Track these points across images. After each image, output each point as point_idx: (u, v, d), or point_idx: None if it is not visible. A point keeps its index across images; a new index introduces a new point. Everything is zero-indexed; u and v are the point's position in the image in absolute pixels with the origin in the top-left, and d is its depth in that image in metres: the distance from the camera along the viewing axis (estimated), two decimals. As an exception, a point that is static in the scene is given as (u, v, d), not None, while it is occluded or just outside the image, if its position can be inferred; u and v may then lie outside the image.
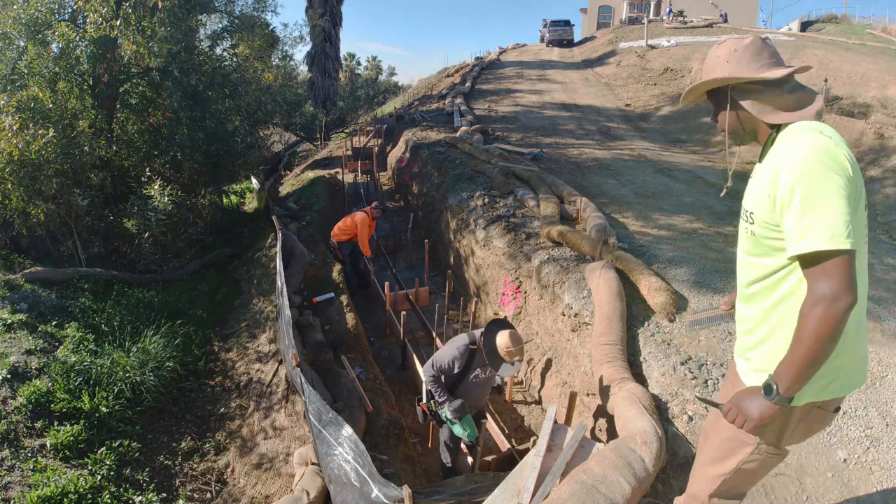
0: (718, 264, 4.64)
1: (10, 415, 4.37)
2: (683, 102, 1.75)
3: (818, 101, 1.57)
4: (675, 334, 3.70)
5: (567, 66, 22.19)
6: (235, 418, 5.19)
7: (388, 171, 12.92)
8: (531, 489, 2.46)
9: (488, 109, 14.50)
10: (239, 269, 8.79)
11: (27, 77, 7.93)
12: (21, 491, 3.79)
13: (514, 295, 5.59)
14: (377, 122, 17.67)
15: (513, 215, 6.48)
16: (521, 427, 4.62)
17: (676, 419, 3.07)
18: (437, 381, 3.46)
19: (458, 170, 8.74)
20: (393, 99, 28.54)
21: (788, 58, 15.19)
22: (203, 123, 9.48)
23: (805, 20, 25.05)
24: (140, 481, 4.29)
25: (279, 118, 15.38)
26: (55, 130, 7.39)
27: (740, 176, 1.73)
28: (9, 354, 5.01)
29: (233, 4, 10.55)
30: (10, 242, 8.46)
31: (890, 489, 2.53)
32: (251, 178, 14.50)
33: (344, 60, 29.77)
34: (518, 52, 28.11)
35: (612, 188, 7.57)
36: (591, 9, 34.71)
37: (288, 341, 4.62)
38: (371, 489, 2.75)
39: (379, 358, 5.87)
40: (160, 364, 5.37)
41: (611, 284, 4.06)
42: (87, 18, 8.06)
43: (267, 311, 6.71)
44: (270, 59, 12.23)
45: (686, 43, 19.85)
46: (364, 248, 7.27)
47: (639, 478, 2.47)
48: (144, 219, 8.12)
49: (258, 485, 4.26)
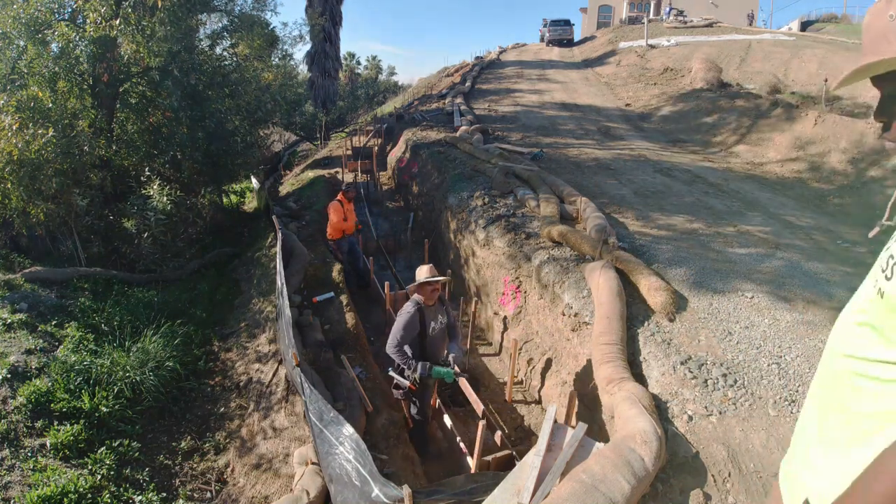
0: (718, 264, 4.65)
1: (10, 414, 4.37)
2: (841, 86, 0.99)
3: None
4: (675, 334, 3.70)
5: (567, 65, 22.18)
6: (235, 418, 5.19)
7: (388, 170, 12.92)
8: (531, 488, 2.46)
9: (488, 109, 14.50)
10: (239, 269, 8.79)
11: (27, 77, 7.92)
12: (21, 490, 3.79)
13: (514, 294, 5.59)
14: (377, 121, 17.67)
15: (513, 215, 6.48)
16: (521, 427, 4.62)
17: (676, 419, 3.07)
18: (402, 352, 3.80)
19: (458, 169, 8.74)
20: (393, 98, 28.54)
21: (788, 58, 15.22)
22: (203, 123, 9.49)
23: (805, 20, 25.07)
24: (140, 481, 4.29)
25: (279, 118, 15.40)
26: (55, 130, 7.39)
27: (739, 176, 1.67)
28: (9, 354, 5.01)
29: (232, 4, 10.55)
30: (9, 242, 8.46)
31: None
32: (251, 177, 14.50)
33: (344, 60, 29.76)
34: (518, 52, 28.11)
35: (612, 188, 7.57)
36: (591, 8, 34.71)
37: (288, 341, 4.63)
38: (372, 488, 2.76)
39: (379, 358, 5.87)
40: (160, 364, 5.37)
41: (611, 284, 4.06)
42: (87, 18, 8.06)
43: (267, 311, 6.71)
44: (270, 59, 12.23)
45: (686, 42, 19.85)
46: (349, 230, 7.30)
47: (638, 477, 2.47)
48: (144, 218, 8.13)
49: (258, 484, 4.26)
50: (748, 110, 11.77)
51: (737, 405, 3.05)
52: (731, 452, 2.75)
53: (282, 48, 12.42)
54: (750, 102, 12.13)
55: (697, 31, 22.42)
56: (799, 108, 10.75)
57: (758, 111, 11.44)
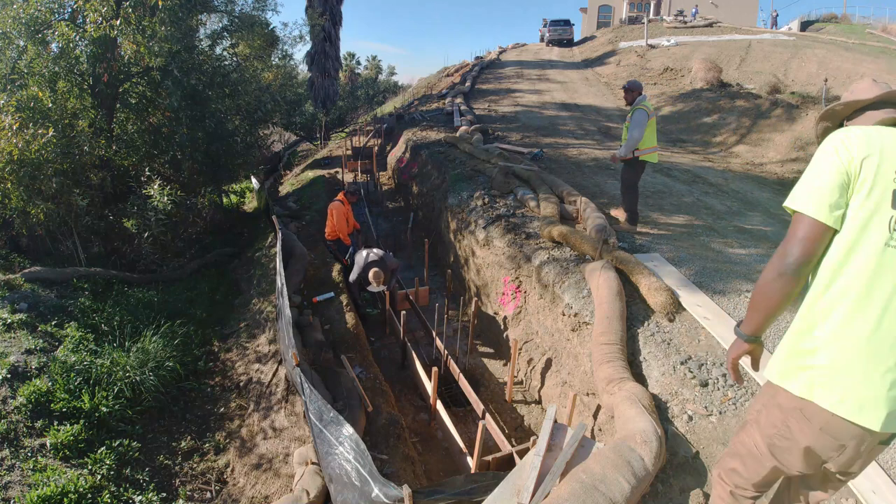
0: (717, 264, 4.65)
1: (10, 414, 4.37)
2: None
3: None
4: (675, 334, 3.70)
5: (567, 65, 22.19)
6: (235, 418, 5.19)
7: (388, 170, 12.92)
8: (531, 488, 2.46)
9: (488, 109, 14.50)
10: (238, 269, 8.79)
11: (27, 77, 7.91)
12: (21, 490, 3.79)
13: (514, 294, 5.59)
14: (377, 121, 17.67)
15: (513, 215, 6.48)
16: (521, 427, 4.62)
17: (676, 419, 3.07)
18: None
19: (458, 169, 8.74)
20: (393, 98, 28.53)
21: (788, 58, 15.22)
22: (203, 123, 9.48)
23: (805, 20, 25.07)
24: (140, 481, 4.29)
25: (279, 118, 15.37)
26: (55, 130, 7.38)
27: (739, 176, 1.74)
28: (9, 354, 5.01)
29: (233, 4, 10.53)
30: (9, 242, 8.45)
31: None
32: (251, 177, 14.49)
33: (344, 60, 29.73)
34: (518, 52, 28.11)
35: (612, 188, 7.58)
36: (591, 8, 34.71)
37: (288, 341, 4.63)
38: (371, 488, 2.76)
39: (379, 357, 5.87)
40: (160, 364, 5.37)
41: (611, 284, 4.06)
42: (87, 18, 8.04)
43: (266, 312, 6.71)
44: (270, 59, 12.22)
45: (686, 42, 19.85)
46: (343, 237, 7.30)
47: (638, 477, 2.47)
48: (144, 218, 8.12)
49: (258, 485, 4.27)
50: (748, 110, 11.78)
51: (737, 405, 3.05)
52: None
53: (282, 48, 12.40)
54: (750, 102, 12.14)
55: (697, 31, 22.43)
56: (799, 108, 10.75)
57: (758, 111, 11.45)
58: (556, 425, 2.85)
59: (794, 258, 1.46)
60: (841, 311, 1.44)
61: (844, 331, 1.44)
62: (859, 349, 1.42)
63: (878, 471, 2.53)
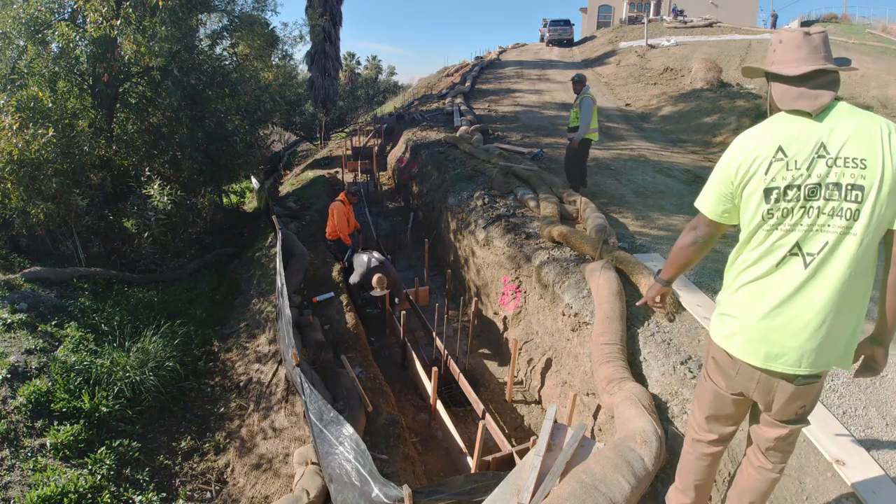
0: (718, 264, 4.64)
1: (10, 414, 4.37)
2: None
3: None
4: (675, 334, 3.70)
5: (567, 65, 22.18)
6: (235, 418, 5.19)
7: (388, 170, 12.92)
8: (531, 489, 2.46)
9: (488, 109, 14.50)
10: (238, 269, 8.79)
11: (27, 77, 7.91)
12: (21, 490, 3.79)
13: (514, 294, 5.59)
14: (377, 121, 17.67)
15: (513, 215, 6.48)
16: (521, 427, 4.62)
17: (676, 419, 3.07)
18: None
19: (458, 169, 8.74)
20: (393, 98, 28.53)
21: (788, 57, 15.22)
22: (203, 123, 9.47)
23: (805, 20, 25.08)
24: (140, 481, 4.29)
25: (279, 117, 15.37)
26: (55, 130, 7.38)
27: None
28: (9, 354, 5.01)
29: (233, 3, 10.52)
30: (9, 242, 8.45)
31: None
32: (251, 177, 14.48)
33: (344, 60, 29.73)
34: (518, 52, 28.11)
35: (612, 188, 7.58)
36: (591, 8, 34.72)
37: (288, 341, 4.63)
38: (371, 488, 2.76)
39: (379, 357, 5.87)
40: (160, 364, 5.37)
41: (611, 284, 4.06)
42: (87, 18, 8.04)
43: (266, 312, 6.71)
44: (270, 59, 12.21)
45: (686, 42, 19.86)
46: (344, 237, 7.30)
47: (638, 477, 2.47)
48: (144, 218, 8.12)
49: (258, 485, 4.27)
50: (748, 110, 11.77)
51: (737, 405, 3.05)
52: (730, 452, 2.75)
53: (282, 48, 12.40)
54: (750, 102, 12.14)
55: (697, 31, 22.43)
56: (799, 108, 10.74)
57: (758, 111, 11.44)
58: (556, 425, 2.85)
59: (698, 235, 1.95)
60: (742, 279, 1.80)
61: (744, 295, 1.81)
62: (763, 322, 1.76)
63: (878, 470, 2.53)
